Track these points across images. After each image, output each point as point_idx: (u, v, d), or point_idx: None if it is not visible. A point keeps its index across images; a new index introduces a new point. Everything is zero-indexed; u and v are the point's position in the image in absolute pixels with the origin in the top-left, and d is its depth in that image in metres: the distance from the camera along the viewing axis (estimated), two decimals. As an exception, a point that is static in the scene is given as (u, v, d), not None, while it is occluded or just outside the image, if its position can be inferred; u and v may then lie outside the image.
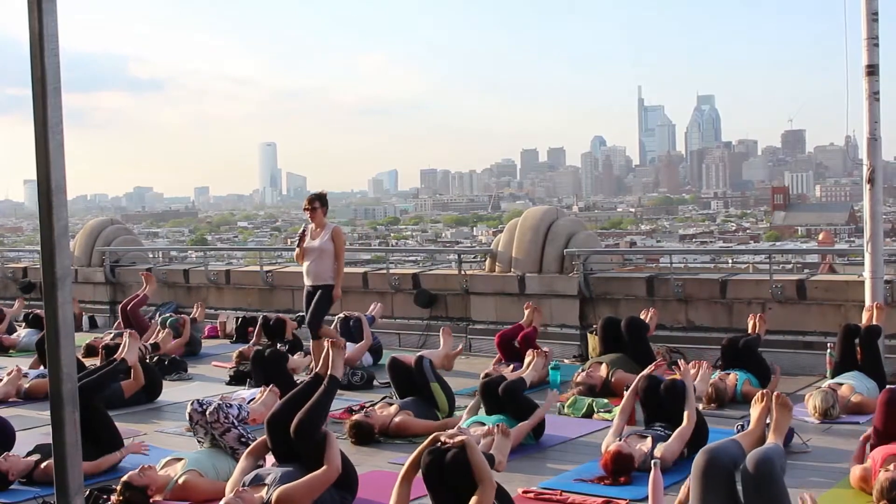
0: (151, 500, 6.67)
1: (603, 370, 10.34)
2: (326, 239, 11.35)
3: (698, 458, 5.49)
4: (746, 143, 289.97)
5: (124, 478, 6.66)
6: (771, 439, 5.92)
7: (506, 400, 8.26)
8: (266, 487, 6.09)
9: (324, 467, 6.20)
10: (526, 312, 12.25)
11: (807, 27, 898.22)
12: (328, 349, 7.29)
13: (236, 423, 7.35)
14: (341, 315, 13.06)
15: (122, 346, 9.37)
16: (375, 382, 11.27)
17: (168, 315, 14.50)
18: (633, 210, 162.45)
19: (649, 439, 7.37)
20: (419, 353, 9.52)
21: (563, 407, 9.57)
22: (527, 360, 10.43)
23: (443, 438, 5.57)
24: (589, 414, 9.35)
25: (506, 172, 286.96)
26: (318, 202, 11.50)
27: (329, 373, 7.04)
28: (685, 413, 7.53)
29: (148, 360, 11.55)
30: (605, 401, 9.54)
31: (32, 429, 9.20)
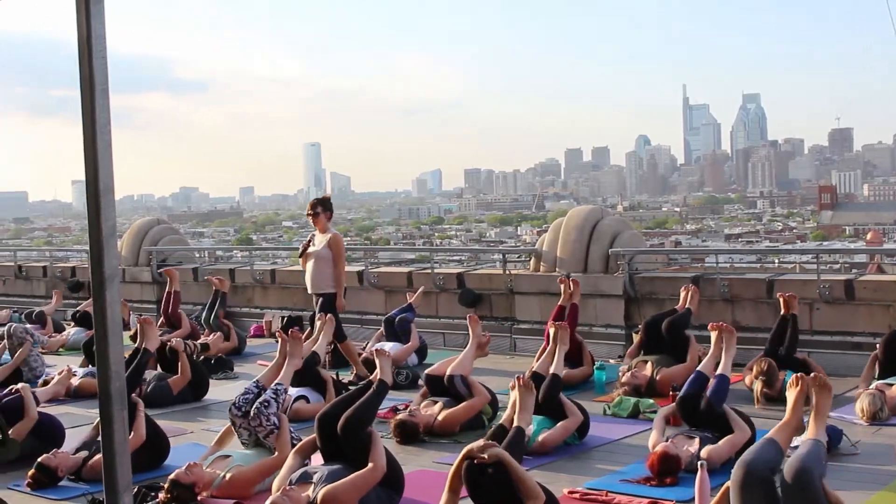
0: (199, 498, 6.72)
1: (648, 369, 10.27)
2: (323, 246, 11.20)
3: (735, 471, 5.39)
4: (793, 141, 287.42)
5: (171, 476, 6.72)
6: (812, 430, 5.69)
7: (545, 405, 8.17)
8: (313, 486, 6.12)
9: (369, 466, 6.23)
10: (562, 288, 11.78)
11: (855, 25, 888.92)
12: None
13: (277, 423, 7.38)
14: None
15: (139, 334, 9.33)
16: (420, 382, 11.28)
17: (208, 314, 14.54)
18: (678, 209, 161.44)
19: (697, 440, 7.32)
20: (448, 373, 9.08)
21: (609, 407, 9.53)
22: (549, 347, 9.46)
23: (476, 453, 5.57)
24: (635, 414, 9.30)
25: (550, 172, 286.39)
26: (321, 207, 11.33)
27: (379, 377, 7.08)
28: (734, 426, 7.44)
29: (196, 358, 11.61)
30: (651, 401, 9.49)
31: (81, 426, 9.30)
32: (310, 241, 11.46)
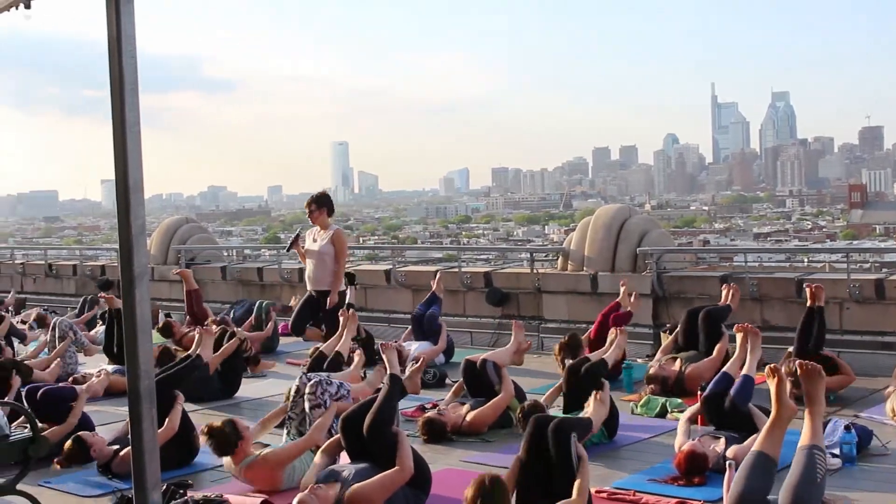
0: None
1: (677, 364, 10.21)
2: (326, 242, 10.95)
3: None
4: (822, 140, 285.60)
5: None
6: (806, 433, 5.31)
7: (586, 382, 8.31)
8: (340, 484, 6.13)
9: (396, 468, 6.25)
10: (622, 290, 11.79)
11: (886, 22, 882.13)
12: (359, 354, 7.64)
13: (327, 403, 7.54)
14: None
15: (195, 343, 9.43)
16: (448, 381, 11.26)
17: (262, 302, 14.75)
18: (706, 208, 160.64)
19: (722, 440, 7.28)
20: (482, 357, 9.37)
21: (636, 406, 9.50)
22: (609, 337, 10.10)
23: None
24: (662, 414, 9.25)
25: (577, 170, 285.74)
26: (315, 204, 11.07)
27: (388, 371, 7.10)
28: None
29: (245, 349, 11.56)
30: (679, 401, 9.44)
31: (111, 423, 9.35)
32: (298, 236, 11.27)
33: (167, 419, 7.72)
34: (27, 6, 5.68)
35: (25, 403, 8.15)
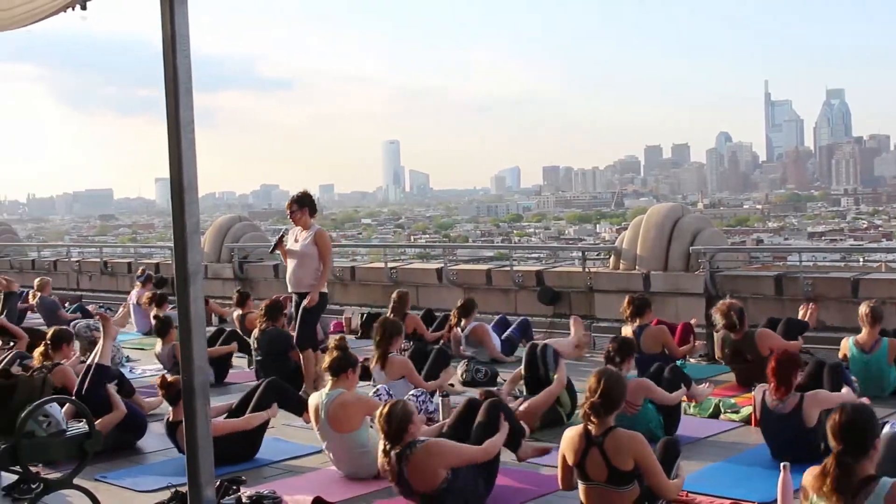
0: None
1: None
2: (308, 242, 10.60)
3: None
4: (878, 137, 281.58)
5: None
6: None
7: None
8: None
9: (482, 447, 6.54)
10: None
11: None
12: None
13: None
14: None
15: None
16: (500, 379, 11.24)
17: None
18: (759, 207, 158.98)
19: None
20: (546, 342, 9.63)
21: (689, 407, 9.43)
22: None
23: None
24: (715, 414, 9.17)
25: (629, 169, 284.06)
26: (297, 204, 10.69)
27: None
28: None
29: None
30: (733, 401, 9.37)
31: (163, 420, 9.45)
32: (283, 237, 11.05)
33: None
34: (83, 7, 5.74)
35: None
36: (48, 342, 9.53)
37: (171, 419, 8.04)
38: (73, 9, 5.75)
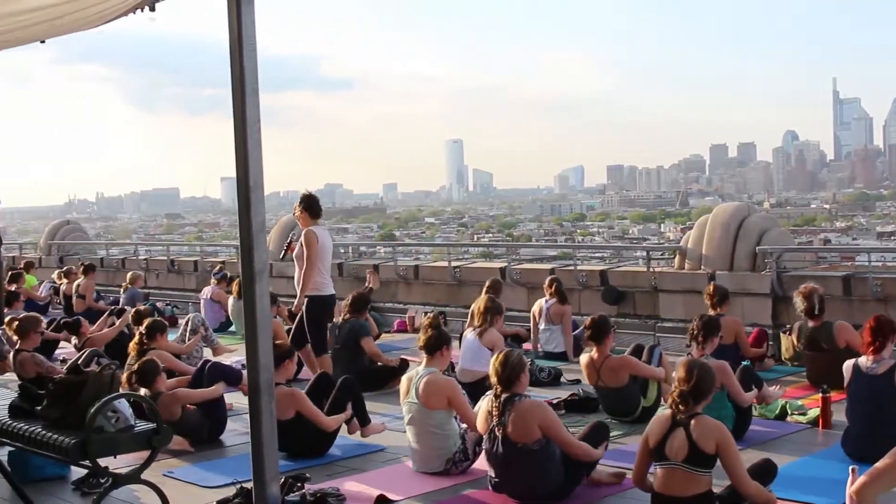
0: None
1: None
2: (301, 244, 10.53)
3: None
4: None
5: None
6: None
7: None
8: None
9: (584, 445, 6.81)
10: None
11: None
12: None
13: None
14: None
15: None
16: (563, 379, 11.22)
17: None
18: (827, 206, 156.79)
19: None
20: (654, 344, 9.97)
21: (756, 408, 9.33)
22: None
23: None
24: (782, 416, 9.07)
25: (694, 168, 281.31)
26: (299, 206, 10.64)
27: None
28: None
29: None
30: (800, 403, 9.26)
31: (240, 415, 9.56)
32: (290, 243, 10.98)
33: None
34: (152, 8, 5.82)
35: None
36: (143, 332, 9.69)
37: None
38: (143, 10, 5.82)
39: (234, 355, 12.73)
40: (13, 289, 15.76)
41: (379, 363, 11.46)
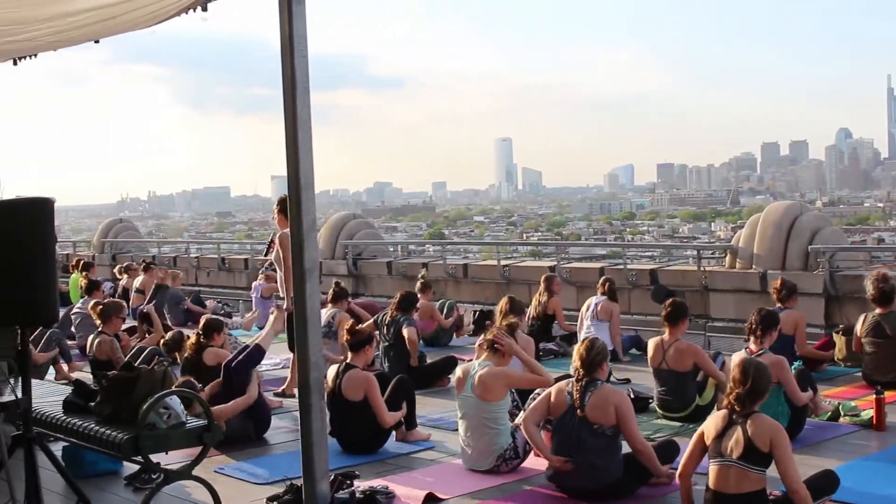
0: None
1: None
2: (277, 249, 10.54)
3: None
4: None
5: None
6: None
7: None
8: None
9: (647, 445, 6.88)
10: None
11: None
12: None
13: None
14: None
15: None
16: (612, 378, 11.14)
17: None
18: (881, 205, 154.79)
19: None
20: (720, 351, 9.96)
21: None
22: None
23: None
24: (835, 417, 8.96)
25: (745, 166, 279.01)
26: (276, 206, 10.57)
27: None
28: None
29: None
30: (853, 404, 9.14)
31: (289, 412, 9.61)
32: (271, 244, 10.99)
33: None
34: (204, 9, 5.86)
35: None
36: (200, 332, 9.80)
37: (348, 361, 8.48)
38: (195, 10, 5.87)
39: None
40: (91, 278, 15.74)
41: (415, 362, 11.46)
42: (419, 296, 13.52)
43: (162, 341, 10.73)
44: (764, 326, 8.30)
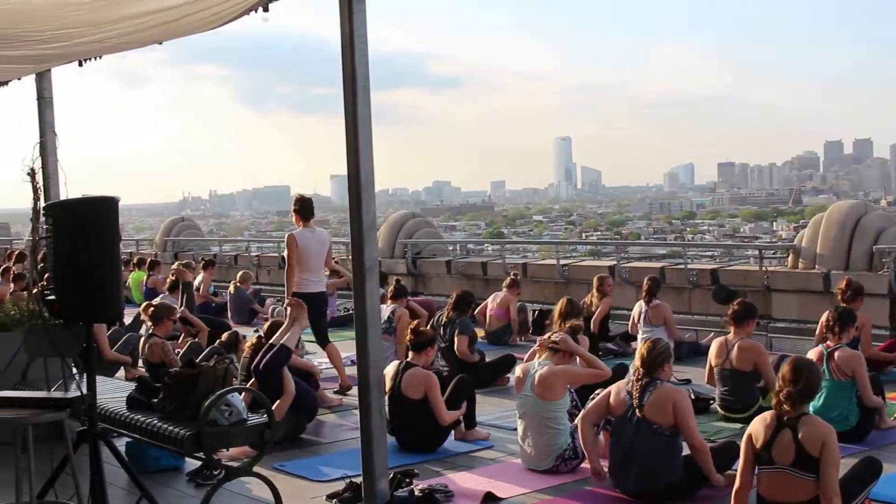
0: None
1: None
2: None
3: None
4: None
5: None
6: None
7: None
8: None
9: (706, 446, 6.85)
10: None
11: None
12: None
13: None
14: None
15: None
16: (673, 379, 11.08)
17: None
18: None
19: None
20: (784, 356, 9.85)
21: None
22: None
23: None
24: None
25: (808, 165, 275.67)
26: (293, 206, 10.88)
27: None
28: None
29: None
30: (916, 406, 9.02)
31: (349, 410, 9.65)
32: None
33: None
34: (265, 9, 5.91)
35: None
36: (263, 334, 9.84)
37: (408, 360, 8.58)
38: (256, 10, 5.92)
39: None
40: (175, 278, 15.60)
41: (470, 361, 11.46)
42: (505, 291, 14.17)
43: (218, 341, 10.80)
44: (842, 323, 8.32)
